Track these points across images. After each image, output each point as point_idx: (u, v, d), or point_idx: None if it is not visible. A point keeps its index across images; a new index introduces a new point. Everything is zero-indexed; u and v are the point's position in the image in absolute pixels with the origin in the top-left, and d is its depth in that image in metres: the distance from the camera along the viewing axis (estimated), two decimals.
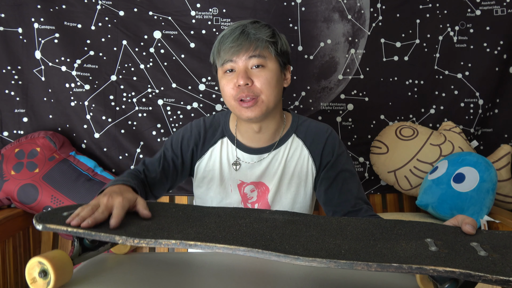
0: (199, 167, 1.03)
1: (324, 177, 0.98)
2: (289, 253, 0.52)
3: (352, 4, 1.67)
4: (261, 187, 1.01)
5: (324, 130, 1.01)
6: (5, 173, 1.41)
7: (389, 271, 0.49)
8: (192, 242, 0.56)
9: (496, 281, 0.45)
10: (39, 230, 0.62)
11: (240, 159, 1.01)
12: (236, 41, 0.89)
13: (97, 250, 0.71)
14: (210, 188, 1.02)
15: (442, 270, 0.47)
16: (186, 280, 0.67)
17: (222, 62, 0.92)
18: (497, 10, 1.70)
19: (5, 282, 1.31)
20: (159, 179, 1.00)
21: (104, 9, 1.58)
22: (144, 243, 0.57)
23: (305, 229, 0.63)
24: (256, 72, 0.90)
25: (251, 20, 0.95)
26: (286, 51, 0.96)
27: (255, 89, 0.90)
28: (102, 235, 0.59)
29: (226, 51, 0.90)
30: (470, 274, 0.46)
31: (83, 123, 1.58)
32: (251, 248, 0.53)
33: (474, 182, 1.36)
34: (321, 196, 0.99)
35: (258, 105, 0.91)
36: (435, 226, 0.65)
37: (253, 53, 0.89)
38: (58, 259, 0.61)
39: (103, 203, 0.67)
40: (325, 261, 0.50)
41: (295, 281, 0.66)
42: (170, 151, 1.02)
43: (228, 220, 0.67)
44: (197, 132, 1.03)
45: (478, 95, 1.71)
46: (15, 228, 1.38)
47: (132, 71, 1.60)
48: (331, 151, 0.99)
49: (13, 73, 1.54)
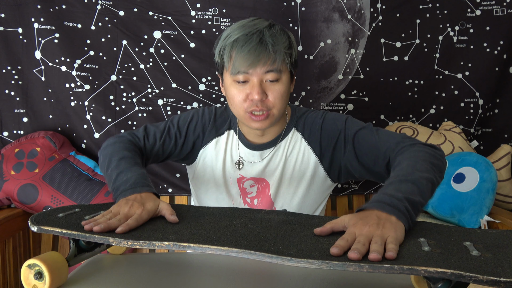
0: (202, 155, 1.03)
1: (347, 156, 0.94)
2: (282, 254, 0.52)
3: (352, 4, 1.67)
4: (261, 183, 1.01)
5: (319, 116, 0.99)
6: (5, 173, 1.41)
7: (381, 272, 0.49)
8: (186, 243, 0.56)
9: (487, 281, 0.44)
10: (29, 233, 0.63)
11: (242, 157, 1.01)
12: (254, 52, 0.83)
13: (93, 251, 0.71)
14: (210, 180, 1.03)
15: (433, 270, 0.47)
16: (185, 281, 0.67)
17: (236, 72, 0.86)
18: (497, 10, 1.70)
19: (5, 282, 1.31)
20: (156, 151, 0.99)
21: (104, 9, 1.58)
22: (137, 245, 0.57)
23: (300, 229, 0.63)
24: (270, 86, 0.87)
25: (267, 24, 0.88)
26: (296, 58, 0.93)
27: (268, 103, 0.88)
28: (96, 237, 0.60)
29: (241, 61, 0.85)
30: (461, 274, 0.46)
31: (83, 123, 1.58)
32: (243, 250, 0.53)
33: (474, 182, 1.36)
34: (362, 171, 0.93)
35: (269, 118, 0.90)
36: (429, 225, 0.65)
37: (271, 68, 0.85)
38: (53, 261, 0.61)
39: (123, 212, 0.67)
40: (317, 262, 0.50)
41: (295, 281, 0.66)
42: (175, 128, 1.01)
43: (223, 221, 0.67)
44: (207, 118, 1.02)
45: (478, 95, 1.71)
46: (15, 228, 1.38)
47: (132, 71, 1.60)
48: (331, 133, 0.95)
49: (13, 73, 1.54)
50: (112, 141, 0.95)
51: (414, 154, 0.78)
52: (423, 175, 0.71)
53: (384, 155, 0.86)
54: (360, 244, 0.53)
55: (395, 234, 0.57)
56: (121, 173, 0.81)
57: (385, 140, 0.88)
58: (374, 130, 0.92)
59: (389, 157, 0.85)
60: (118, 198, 0.76)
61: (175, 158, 1.05)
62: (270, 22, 0.90)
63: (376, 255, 0.51)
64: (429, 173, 0.72)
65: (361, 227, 0.58)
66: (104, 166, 0.89)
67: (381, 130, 0.92)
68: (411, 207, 0.63)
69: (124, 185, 0.77)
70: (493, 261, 0.49)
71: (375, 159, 0.88)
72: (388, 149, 0.86)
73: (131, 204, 0.69)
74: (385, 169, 0.87)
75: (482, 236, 0.59)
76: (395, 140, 0.87)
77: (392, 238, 0.55)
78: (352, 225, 0.60)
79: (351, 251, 0.52)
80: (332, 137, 0.95)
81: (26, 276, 0.61)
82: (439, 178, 0.75)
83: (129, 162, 0.85)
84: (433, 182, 0.71)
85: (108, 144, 0.94)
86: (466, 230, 0.63)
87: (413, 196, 0.65)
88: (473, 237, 0.59)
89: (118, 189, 0.78)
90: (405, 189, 0.66)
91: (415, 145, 0.82)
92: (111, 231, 0.62)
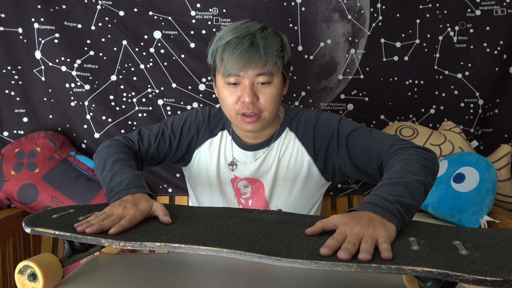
0: (196, 157, 1.03)
1: (340, 156, 0.94)
2: (272, 255, 0.52)
3: (352, 4, 1.67)
4: (255, 183, 1.01)
5: (312, 116, 0.98)
6: (5, 173, 1.41)
7: (369, 271, 0.48)
8: (177, 244, 0.56)
9: (473, 280, 0.44)
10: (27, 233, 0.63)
11: (236, 158, 1.01)
12: (245, 55, 0.84)
13: (87, 252, 0.72)
14: (205, 181, 1.03)
15: (420, 270, 0.47)
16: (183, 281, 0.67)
17: (227, 74, 0.87)
18: (497, 10, 1.70)
19: (5, 282, 1.31)
20: (151, 154, 0.99)
21: (104, 9, 1.58)
22: (129, 246, 0.57)
23: (292, 229, 0.63)
24: (261, 89, 0.88)
25: (260, 27, 0.88)
26: (289, 61, 0.93)
27: (259, 105, 0.88)
28: (89, 238, 0.59)
29: (232, 64, 0.85)
30: (448, 274, 0.46)
31: (83, 123, 1.58)
32: (234, 250, 0.53)
33: (474, 182, 1.36)
34: (356, 172, 0.93)
35: (260, 120, 0.90)
36: (419, 225, 0.65)
37: (261, 71, 0.86)
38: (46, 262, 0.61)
39: (117, 213, 0.67)
40: (306, 262, 0.50)
41: (295, 281, 0.66)
42: (169, 130, 1.01)
43: (216, 221, 0.67)
44: (201, 119, 1.02)
45: (478, 95, 1.71)
46: (15, 228, 1.38)
47: (132, 71, 1.60)
48: (324, 134, 0.95)
49: (13, 73, 1.54)
50: (106, 144, 0.95)
51: (406, 157, 0.78)
52: (416, 177, 0.70)
53: (377, 157, 0.86)
54: (350, 244, 0.53)
55: (386, 233, 0.56)
56: (115, 175, 0.81)
57: (378, 142, 0.88)
58: (368, 132, 0.91)
59: (382, 159, 0.85)
60: (112, 199, 0.76)
61: (170, 161, 1.05)
62: (263, 24, 0.90)
63: (366, 255, 0.50)
64: (422, 176, 0.72)
65: (352, 226, 0.58)
66: (99, 169, 0.89)
67: (375, 131, 0.92)
68: (403, 210, 0.63)
69: (118, 186, 0.78)
70: (481, 260, 0.49)
71: (367, 161, 0.89)
72: (381, 151, 0.86)
73: (124, 205, 0.70)
74: (377, 171, 0.87)
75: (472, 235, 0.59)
76: (388, 142, 0.87)
77: (384, 238, 0.55)
78: (343, 224, 0.59)
79: (341, 251, 0.51)
80: (325, 137, 0.95)
81: (21, 282, 0.61)
82: (431, 180, 0.75)
83: (123, 164, 0.85)
84: (425, 185, 0.71)
85: (102, 147, 0.95)
86: (456, 229, 0.63)
87: (405, 199, 0.65)
88: (463, 236, 0.59)
89: (112, 190, 0.78)
90: (396, 192, 0.66)
91: (408, 148, 0.83)
92: (104, 232, 0.62)
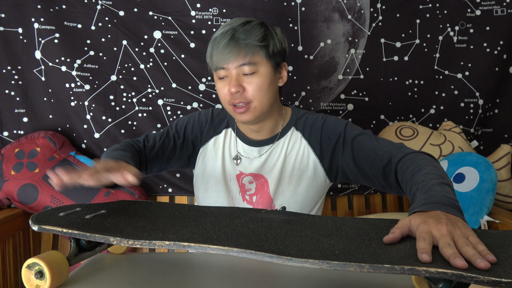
0: (201, 154, 1.06)
1: (345, 158, 0.95)
2: (282, 254, 0.52)
3: (352, 4, 1.67)
4: (260, 179, 1.02)
5: (320, 118, 1.01)
6: (5, 173, 1.41)
7: (382, 272, 0.48)
8: (186, 243, 0.56)
9: (488, 282, 0.44)
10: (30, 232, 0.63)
11: (240, 153, 1.03)
12: (226, 48, 0.89)
13: (93, 250, 0.71)
14: (210, 178, 1.05)
15: (434, 271, 0.46)
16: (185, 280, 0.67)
17: (215, 69, 0.94)
18: (497, 10, 1.70)
19: (5, 282, 1.31)
20: (156, 153, 1.02)
21: (104, 9, 1.58)
22: (138, 244, 0.58)
23: (300, 229, 0.63)
24: (247, 79, 0.91)
25: (243, 21, 0.93)
26: (279, 50, 0.95)
27: (247, 95, 0.92)
28: (97, 236, 0.59)
29: (217, 58, 0.91)
30: (462, 275, 0.45)
31: (83, 123, 1.58)
32: (244, 249, 0.53)
33: (474, 182, 1.36)
34: (358, 174, 0.94)
35: (251, 110, 0.93)
36: None
37: (243, 61, 0.90)
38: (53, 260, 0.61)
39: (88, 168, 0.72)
40: (317, 262, 0.50)
41: (296, 281, 0.66)
42: (173, 130, 1.06)
43: (224, 220, 0.67)
44: (204, 119, 1.06)
45: (478, 95, 1.71)
46: (15, 228, 1.38)
47: (132, 71, 1.60)
48: (331, 135, 0.97)
49: (13, 73, 1.54)
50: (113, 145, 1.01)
51: (426, 160, 0.79)
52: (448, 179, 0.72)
53: (382, 158, 0.87)
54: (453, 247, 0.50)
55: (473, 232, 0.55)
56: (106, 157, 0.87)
57: (383, 145, 0.90)
58: (373, 137, 0.94)
59: (389, 159, 0.86)
60: None
61: (178, 162, 1.07)
62: (248, 19, 0.94)
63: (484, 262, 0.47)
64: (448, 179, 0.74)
65: (436, 225, 0.55)
66: None
67: (380, 138, 0.95)
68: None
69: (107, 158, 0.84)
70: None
71: (372, 162, 0.90)
72: (386, 153, 0.87)
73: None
74: (381, 172, 0.88)
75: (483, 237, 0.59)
76: (395, 146, 0.88)
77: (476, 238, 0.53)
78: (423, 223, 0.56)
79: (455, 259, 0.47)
80: (332, 138, 0.97)
81: (27, 277, 0.60)
82: None
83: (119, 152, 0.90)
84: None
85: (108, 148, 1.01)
86: None
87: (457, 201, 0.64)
88: None
89: None
90: (449, 192, 0.66)
91: (419, 153, 0.84)
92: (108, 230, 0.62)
